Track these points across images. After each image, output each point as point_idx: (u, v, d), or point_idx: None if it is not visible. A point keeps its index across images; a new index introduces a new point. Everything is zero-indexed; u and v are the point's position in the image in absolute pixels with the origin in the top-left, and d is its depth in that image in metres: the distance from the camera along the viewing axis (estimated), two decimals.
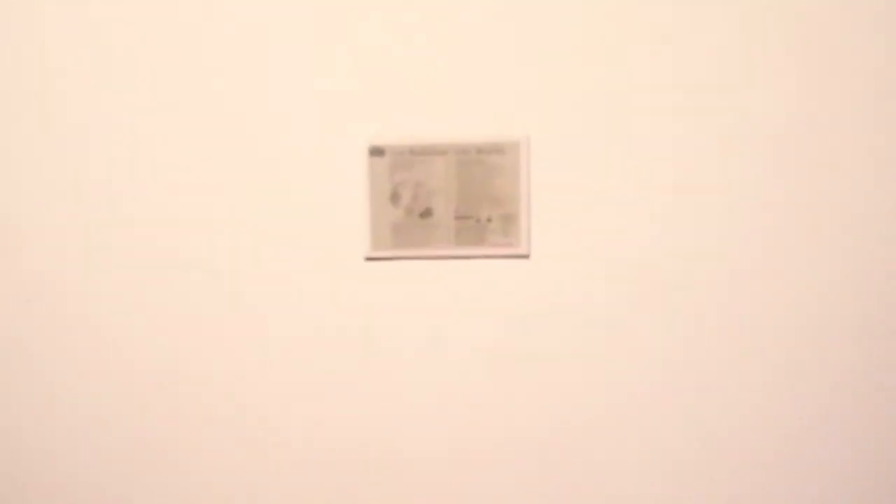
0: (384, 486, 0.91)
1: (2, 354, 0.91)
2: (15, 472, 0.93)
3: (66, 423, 0.92)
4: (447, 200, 0.86)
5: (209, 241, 0.88)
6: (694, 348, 0.89)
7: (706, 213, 0.86)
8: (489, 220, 0.86)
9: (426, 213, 0.86)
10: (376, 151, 0.85)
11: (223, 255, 0.88)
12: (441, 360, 0.90)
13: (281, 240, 0.88)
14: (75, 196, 0.89)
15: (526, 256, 0.88)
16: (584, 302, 0.88)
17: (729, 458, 0.88)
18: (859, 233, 0.85)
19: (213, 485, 0.91)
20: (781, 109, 0.84)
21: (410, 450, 0.91)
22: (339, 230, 0.88)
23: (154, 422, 0.92)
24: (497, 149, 0.85)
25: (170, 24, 0.86)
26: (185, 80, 0.87)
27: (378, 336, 0.90)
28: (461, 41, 0.85)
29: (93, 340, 0.91)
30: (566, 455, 0.89)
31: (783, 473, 0.88)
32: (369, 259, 0.88)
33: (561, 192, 0.86)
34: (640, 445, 0.89)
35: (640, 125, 0.85)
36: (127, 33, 0.87)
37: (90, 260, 0.90)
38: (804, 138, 0.84)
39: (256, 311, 0.89)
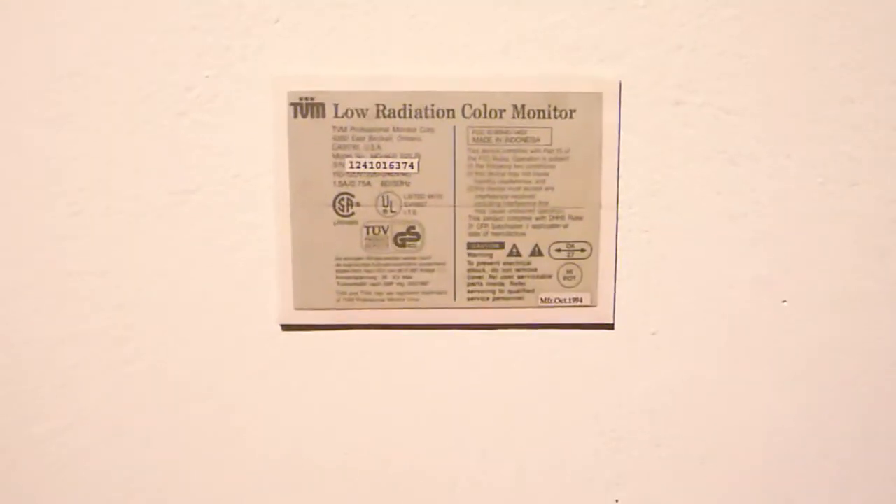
0: None
1: None
2: None
3: None
4: (452, 212, 0.42)
5: None
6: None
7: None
8: (537, 252, 0.42)
9: (408, 238, 0.42)
10: (306, 107, 0.41)
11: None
12: None
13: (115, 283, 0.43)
14: None
15: (609, 326, 0.44)
16: (714, 416, 0.45)
17: None
18: None
19: None
20: None
21: None
22: (226, 271, 0.43)
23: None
24: (556, 106, 0.41)
25: None
26: None
27: (305, 488, 0.45)
28: None
29: None
30: None
31: None
32: (288, 328, 0.44)
33: (680, 194, 0.43)
34: None
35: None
36: None
37: None
38: None
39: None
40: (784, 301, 0.44)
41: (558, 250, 0.42)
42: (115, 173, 0.42)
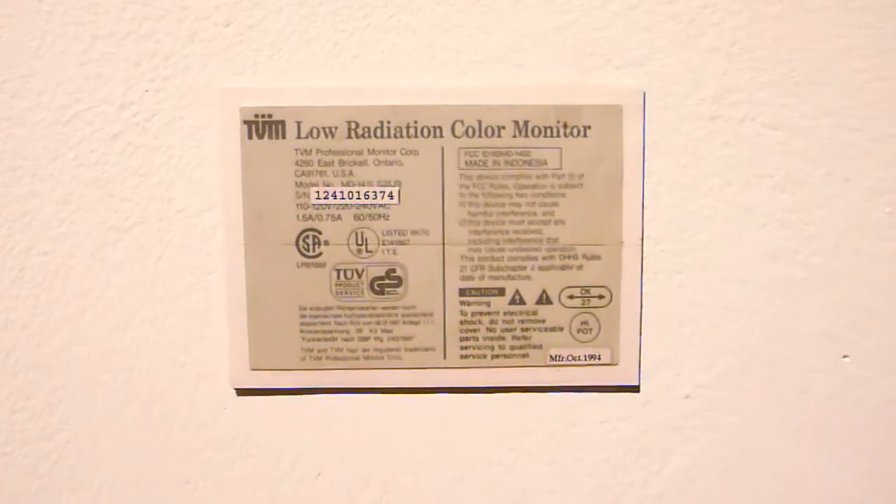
0: None
1: None
2: None
3: None
4: (440, 252, 0.34)
5: None
6: None
7: None
8: (545, 299, 0.35)
9: (388, 284, 0.35)
10: (263, 126, 0.34)
11: None
12: None
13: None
14: None
15: (633, 389, 0.36)
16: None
17: None
18: None
19: None
20: None
21: None
22: (168, 325, 0.36)
23: None
24: (566, 122, 0.34)
25: None
26: None
27: None
28: None
29: None
30: None
31: None
32: (243, 392, 0.36)
33: (717, 228, 0.35)
34: None
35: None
36: None
37: None
38: None
39: None
40: (845, 356, 0.36)
41: (571, 297, 0.35)
42: (37, 208, 0.35)
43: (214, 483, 0.36)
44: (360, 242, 0.34)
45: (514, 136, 0.34)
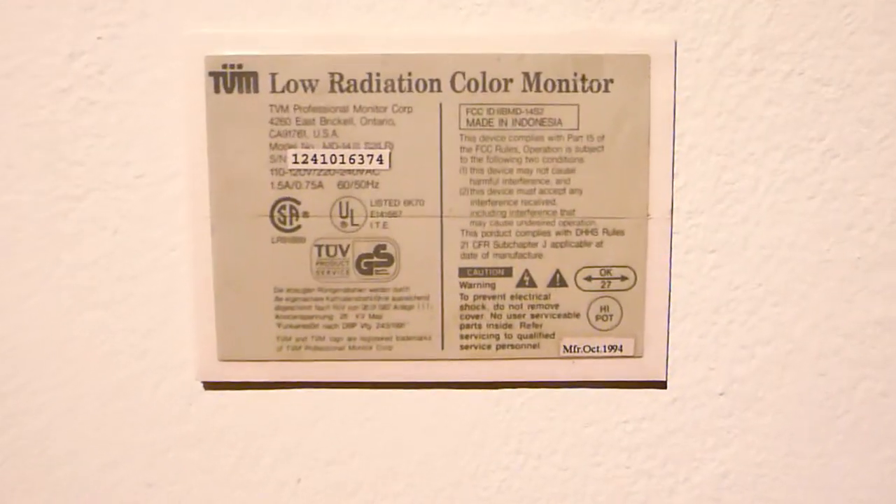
0: None
1: None
2: None
3: None
4: (437, 225, 0.30)
5: None
6: None
7: None
8: (558, 281, 0.30)
9: (377, 262, 0.30)
10: (232, 78, 0.29)
11: None
12: None
13: None
14: None
15: (660, 385, 0.32)
16: None
17: None
18: None
19: None
20: None
21: None
22: (125, 308, 0.31)
23: None
24: (585, 74, 0.29)
25: None
26: None
27: None
28: None
29: None
30: None
31: None
32: (211, 386, 0.32)
33: (758, 200, 0.31)
34: None
35: None
36: None
37: None
38: None
39: None
40: None
41: (588, 279, 0.30)
42: None
43: (180, 487, 0.32)
44: (344, 214, 0.30)
45: (524, 91, 0.29)
